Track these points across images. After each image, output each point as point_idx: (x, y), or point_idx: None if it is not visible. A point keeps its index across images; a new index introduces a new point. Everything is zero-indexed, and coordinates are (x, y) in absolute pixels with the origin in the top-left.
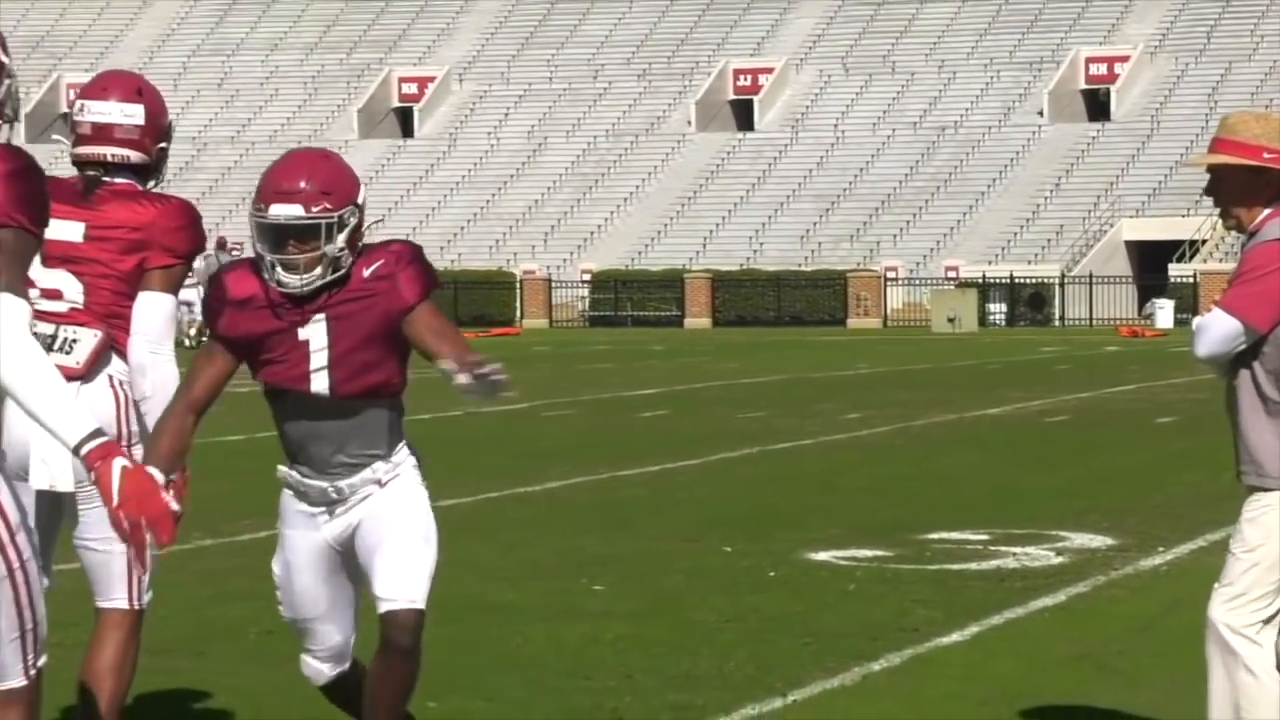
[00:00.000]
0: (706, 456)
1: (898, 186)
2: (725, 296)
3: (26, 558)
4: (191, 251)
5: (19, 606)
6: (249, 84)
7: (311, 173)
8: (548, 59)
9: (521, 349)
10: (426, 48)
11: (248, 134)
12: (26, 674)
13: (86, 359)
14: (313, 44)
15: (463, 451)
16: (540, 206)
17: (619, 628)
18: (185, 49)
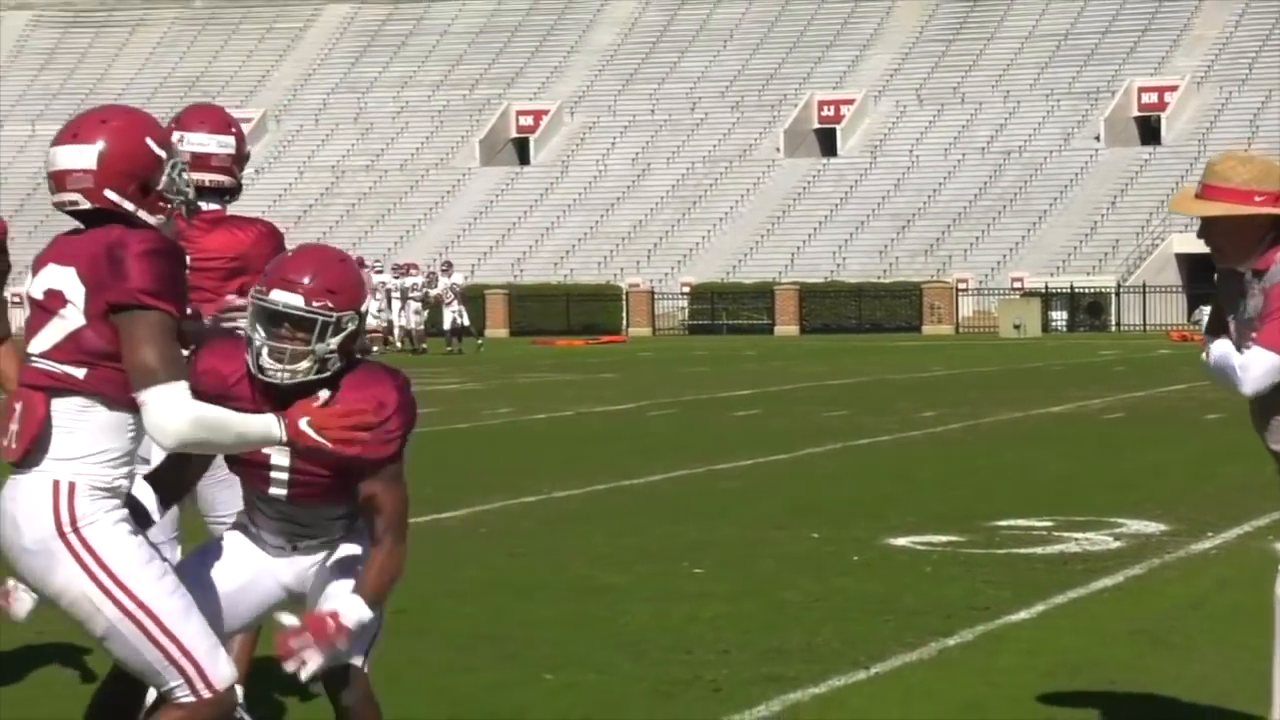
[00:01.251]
0: (795, 451)
1: (967, 205)
2: (811, 306)
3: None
4: None
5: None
6: (382, 118)
7: (321, 269)
8: (650, 93)
9: (627, 355)
10: (541, 84)
11: (381, 163)
12: None
13: None
14: (439, 81)
15: (575, 448)
16: (644, 226)
17: (716, 607)
18: (325, 87)
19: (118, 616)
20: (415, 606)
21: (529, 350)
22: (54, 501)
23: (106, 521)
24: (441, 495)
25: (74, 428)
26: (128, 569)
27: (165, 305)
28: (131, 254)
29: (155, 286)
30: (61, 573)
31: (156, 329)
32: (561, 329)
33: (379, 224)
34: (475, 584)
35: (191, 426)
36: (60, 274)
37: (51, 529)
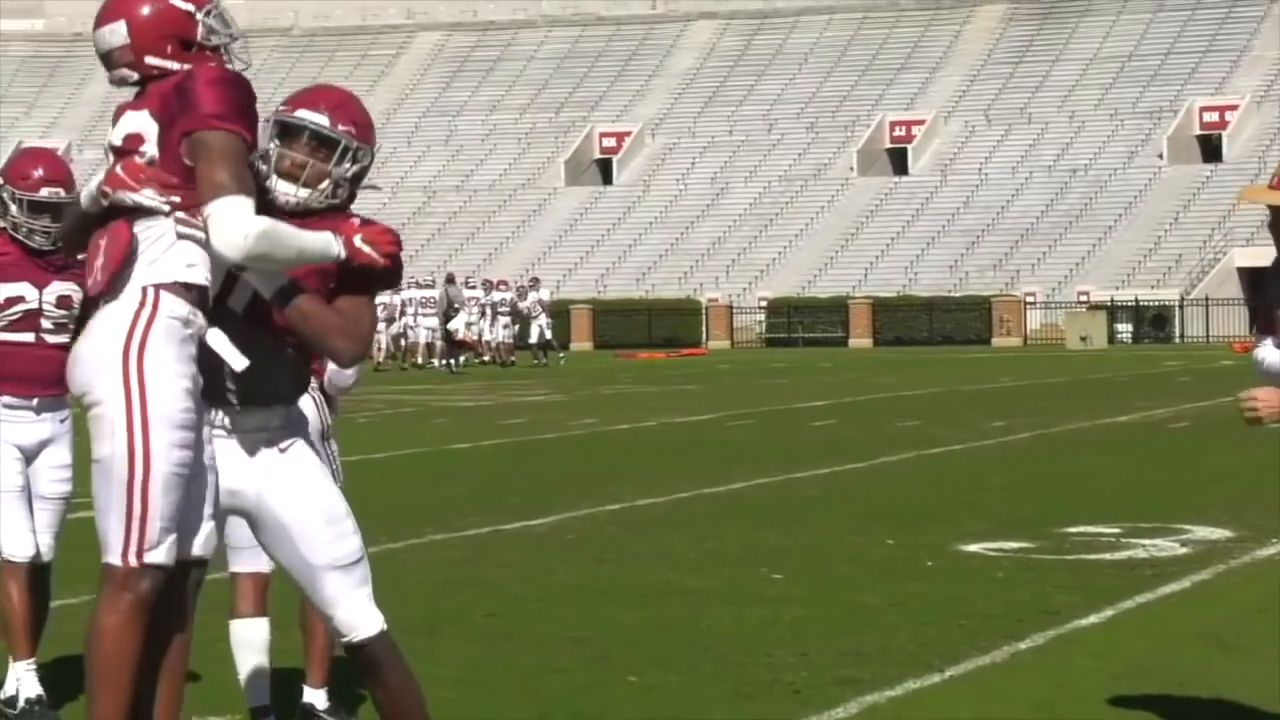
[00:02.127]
0: (870, 460)
1: (1035, 222)
2: (884, 319)
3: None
4: None
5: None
6: (471, 140)
7: (347, 101)
8: (728, 114)
9: (707, 367)
10: (624, 107)
11: (470, 183)
12: None
13: None
14: (526, 105)
15: (657, 457)
16: (723, 242)
17: (795, 610)
18: (417, 111)
19: (122, 452)
20: (505, 610)
21: (612, 363)
22: (133, 320)
23: (170, 364)
24: (529, 503)
25: (155, 255)
26: (159, 418)
27: (235, 127)
28: (200, 83)
29: (224, 110)
30: (107, 386)
31: (228, 149)
32: (643, 342)
33: (469, 242)
34: (563, 588)
35: (256, 238)
36: (135, 117)
37: (120, 343)
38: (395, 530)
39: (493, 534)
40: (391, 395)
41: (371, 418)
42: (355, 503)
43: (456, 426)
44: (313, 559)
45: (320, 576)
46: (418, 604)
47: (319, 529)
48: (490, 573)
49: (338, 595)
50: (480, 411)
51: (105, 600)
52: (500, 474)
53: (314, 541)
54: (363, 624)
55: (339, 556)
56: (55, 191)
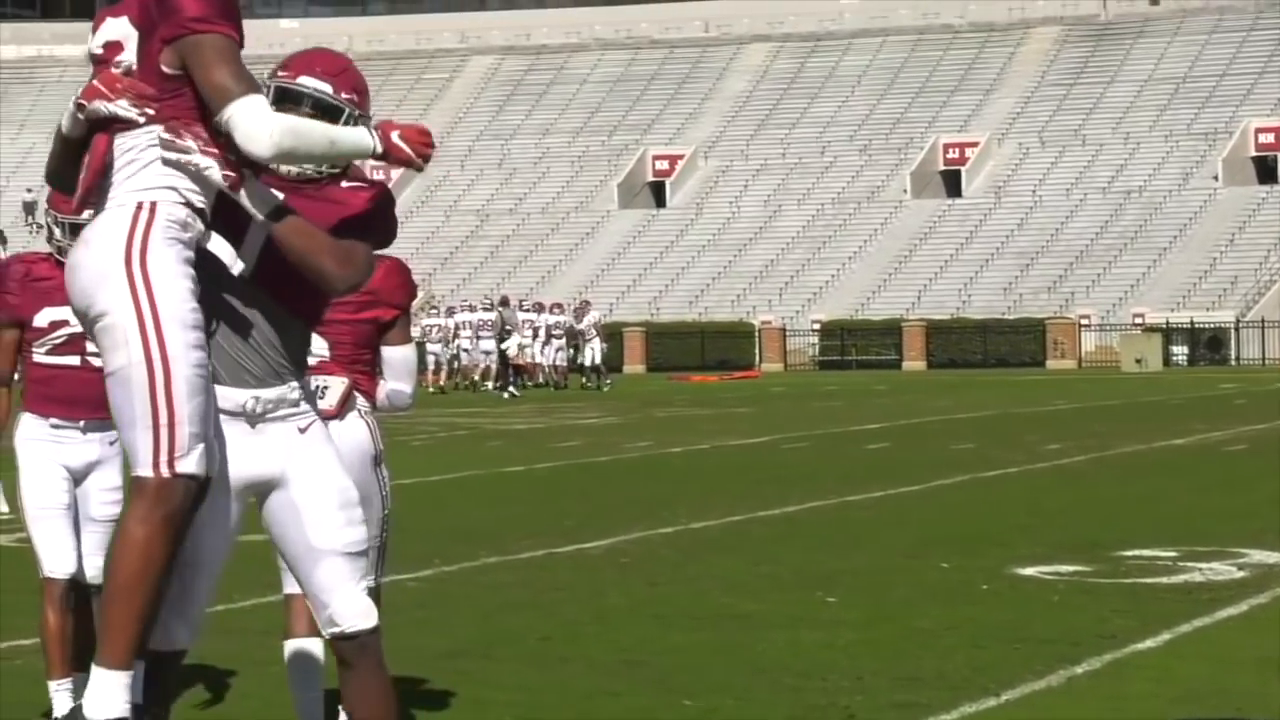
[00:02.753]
0: (924, 483)
1: (1089, 244)
2: (938, 342)
3: (173, 353)
4: (409, 301)
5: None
6: (524, 163)
7: (348, 69)
8: (781, 137)
9: (761, 390)
10: (677, 129)
11: (523, 207)
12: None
13: (338, 402)
14: (579, 128)
15: (711, 480)
16: (776, 265)
17: (850, 634)
18: (471, 134)
19: (139, 358)
20: (560, 633)
21: (665, 386)
22: (132, 222)
23: (174, 262)
24: (584, 526)
25: (143, 164)
26: (170, 318)
27: (221, 28)
28: None
29: (207, 12)
30: (112, 294)
31: (222, 50)
32: (696, 365)
33: (522, 265)
34: (618, 611)
35: (283, 132)
36: (115, 24)
37: (121, 251)
38: (449, 553)
39: (547, 557)
40: (446, 418)
41: (426, 441)
42: (410, 525)
43: (510, 449)
44: (319, 542)
45: (323, 560)
46: (472, 627)
47: (332, 512)
48: (545, 596)
49: (337, 582)
50: (534, 434)
51: (136, 511)
52: (554, 497)
53: (325, 524)
54: (359, 615)
55: (347, 542)
56: None
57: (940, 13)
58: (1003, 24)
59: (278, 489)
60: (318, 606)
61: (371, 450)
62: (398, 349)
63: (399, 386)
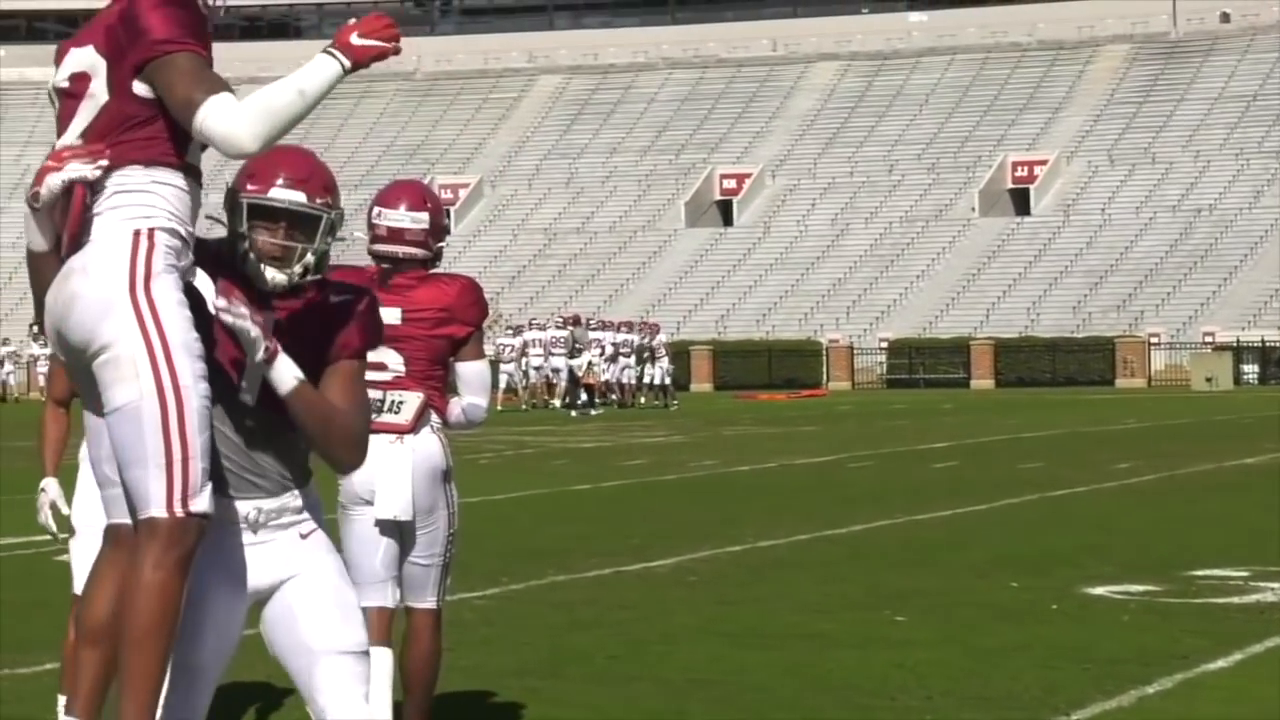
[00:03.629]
0: (993, 502)
1: (1159, 262)
2: (1007, 360)
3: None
4: (482, 319)
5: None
6: (592, 182)
7: (317, 168)
8: (849, 155)
9: (828, 408)
10: (744, 148)
11: (590, 225)
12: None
13: (413, 417)
14: (646, 147)
15: (779, 498)
16: (843, 284)
17: (920, 654)
18: (538, 153)
19: (151, 390)
20: (628, 652)
21: (732, 404)
22: (133, 250)
23: (176, 294)
24: (651, 544)
25: (132, 191)
26: (180, 347)
27: (189, 46)
28: (144, 9)
29: (174, 33)
30: (118, 324)
31: (188, 67)
32: (763, 383)
33: (589, 284)
34: (686, 630)
35: (257, 116)
36: (80, 55)
37: (125, 279)
38: (517, 571)
39: (615, 575)
40: (512, 436)
41: (493, 459)
42: (477, 543)
43: (577, 467)
44: (315, 643)
45: (319, 663)
46: (540, 645)
47: (328, 610)
48: (613, 614)
49: (334, 683)
50: (601, 453)
51: (151, 556)
52: (621, 515)
53: (320, 624)
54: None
55: (344, 643)
56: None
57: (1009, 31)
58: (1072, 42)
59: (276, 595)
60: (317, 709)
61: (442, 465)
62: (472, 364)
63: (475, 401)
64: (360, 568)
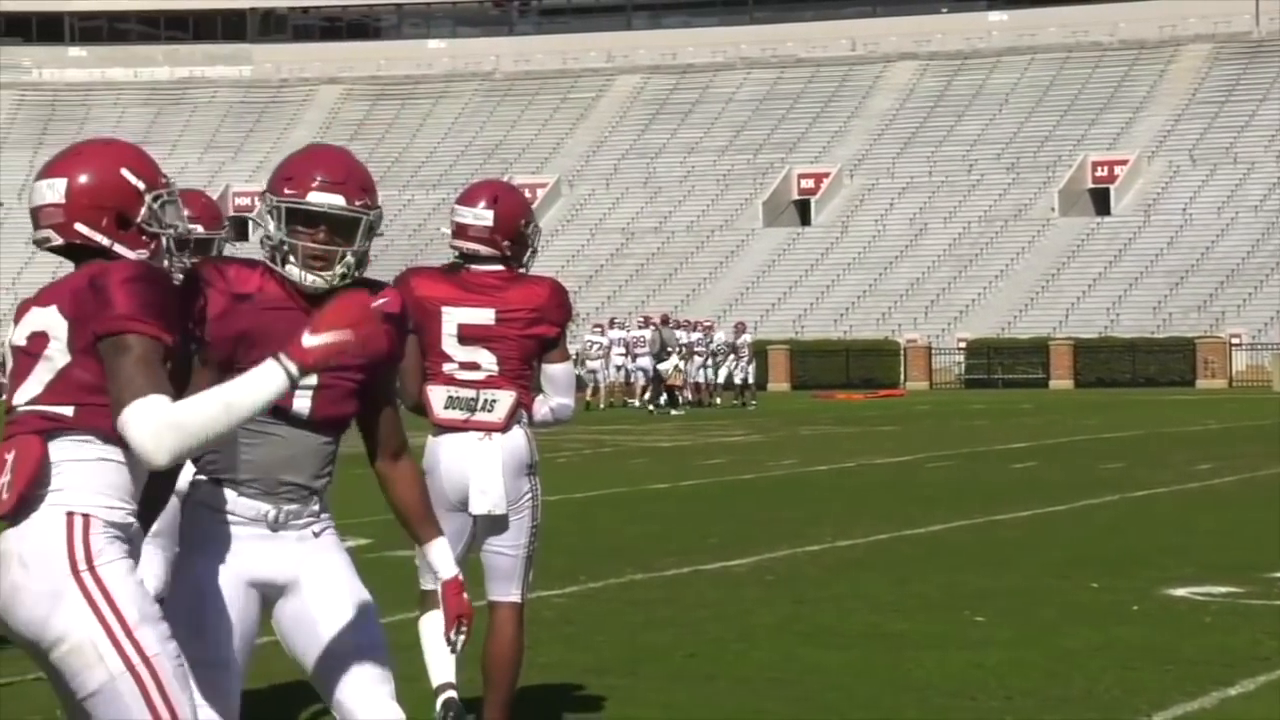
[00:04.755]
0: (1072, 503)
1: (1240, 263)
2: (1086, 361)
3: (153, 652)
4: (567, 320)
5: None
6: (670, 182)
7: (354, 168)
8: (927, 155)
9: (905, 408)
10: (822, 148)
11: (668, 225)
12: None
13: (505, 415)
14: (724, 147)
15: (857, 498)
16: (921, 283)
17: (999, 654)
18: (616, 153)
19: (120, 670)
20: (706, 650)
21: (810, 404)
22: (68, 535)
23: (121, 565)
24: (729, 543)
25: (75, 468)
26: (138, 619)
27: (151, 330)
28: (114, 282)
29: (140, 312)
30: (67, 615)
31: (138, 355)
32: (841, 383)
33: (666, 283)
34: (764, 629)
35: (171, 433)
36: (42, 315)
37: (65, 566)
38: (594, 570)
39: (692, 574)
40: (590, 435)
41: (571, 458)
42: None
43: (655, 466)
44: (335, 644)
45: (341, 663)
46: (618, 644)
47: (346, 612)
48: (690, 613)
49: (359, 684)
50: (678, 452)
51: None
52: (699, 514)
53: (339, 625)
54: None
55: (363, 643)
56: (193, 228)
57: (1089, 30)
58: (1153, 41)
59: (290, 595)
60: (343, 712)
61: (527, 459)
62: (558, 365)
63: (563, 400)
64: None
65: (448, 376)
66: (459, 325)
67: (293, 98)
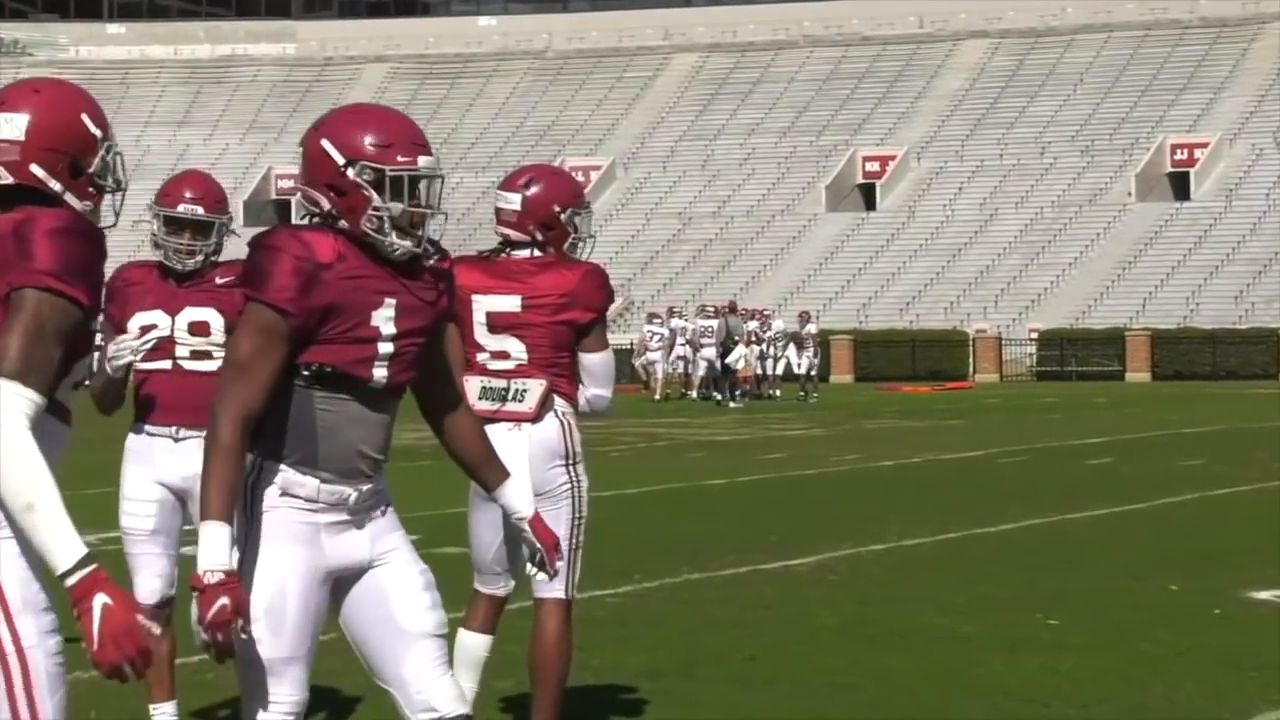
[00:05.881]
0: (1150, 501)
1: None
2: (1164, 352)
3: (29, 644)
4: (606, 306)
5: (11, 696)
6: (729, 165)
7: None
8: (998, 137)
9: (975, 401)
10: (888, 130)
11: (727, 209)
12: None
13: (536, 404)
14: (786, 128)
15: (923, 495)
16: (991, 271)
17: (1073, 659)
18: (673, 134)
19: None
20: (767, 653)
21: (874, 396)
22: None
23: (11, 546)
24: (789, 541)
25: None
26: (20, 606)
27: (70, 289)
28: (40, 231)
29: (61, 267)
30: None
31: (41, 317)
32: (907, 375)
33: (725, 270)
34: (826, 631)
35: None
36: None
37: None
38: (649, 568)
39: (751, 573)
40: (644, 428)
41: (624, 451)
42: (608, 539)
43: (712, 461)
44: (409, 625)
45: (412, 645)
46: (675, 646)
47: (418, 594)
48: (750, 614)
49: (426, 667)
50: (737, 446)
51: None
52: (758, 511)
53: (414, 606)
54: (454, 700)
55: (433, 625)
56: (193, 209)
57: (1168, 8)
58: (1235, 19)
59: (366, 576)
60: (410, 692)
61: (560, 449)
62: (595, 355)
63: (599, 391)
64: (481, 556)
65: (480, 366)
66: (487, 313)
67: (338, 76)
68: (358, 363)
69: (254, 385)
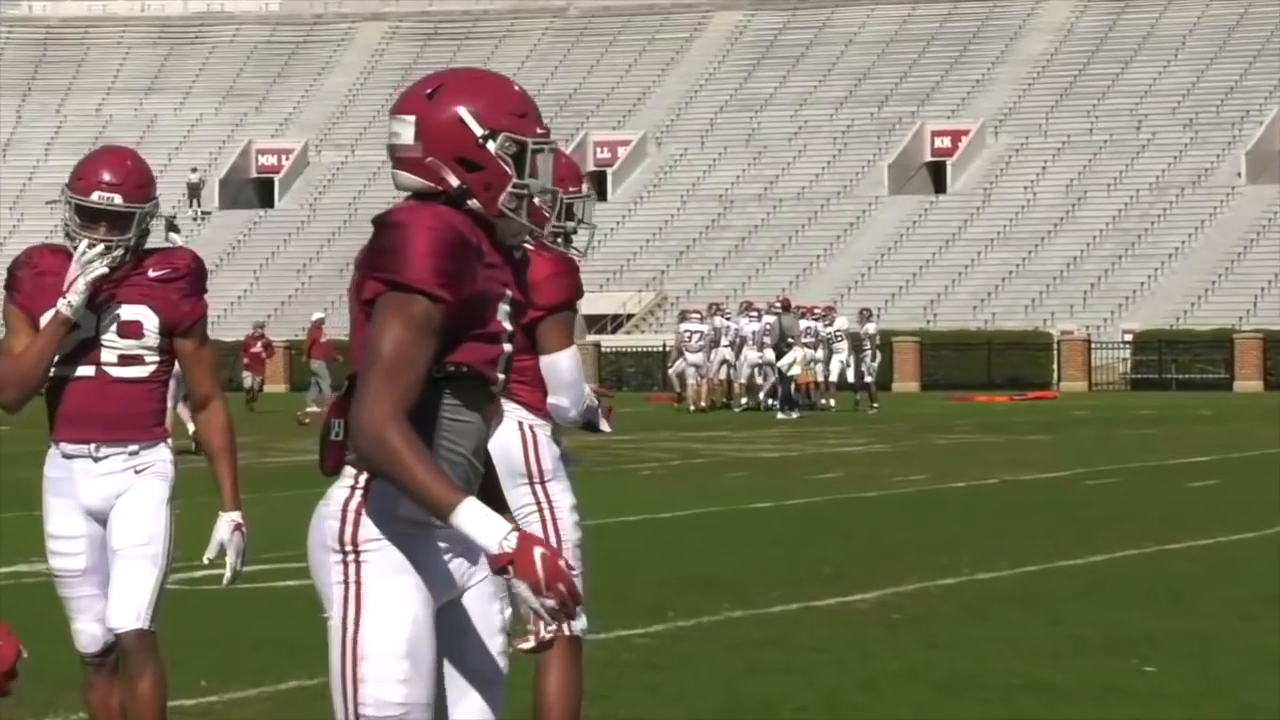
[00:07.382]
0: (1263, 529)
1: None
2: (1278, 358)
3: None
4: (560, 302)
5: None
6: (777, 139)
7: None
8: (1088, 109)
9: (1059, 413)
10: (960, 100)
11: (775, 191)
12: None
13: None
14: (843, 98)
15: (1002, 521)
16: (1079, 264)
17: (1173, 711)
18: (713, 105)
19: None
20: (819, 702)
21: (944, 407)
22: None
23: None
24: (847, 574)
25: None
26: None
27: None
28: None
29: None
30: None
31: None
32: (982, 382)
33: (772, 261)
34: (889, 678)
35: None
36: None
37: None
38: (685, 605)
39: (803, 611)
40: (679, 443)
41: (656, 469)
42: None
43: (757, 481)
44: (475, 669)
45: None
46: (714, 693)
47: (493, 637)
48: (800, 657)
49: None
50: (786, 464)
51: None
52: (811, 539)
53: (485, 652)
54: None
55: (498, 674)
56: (109, 197)
57: None
58: None
59: (457, 604)
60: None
61: (521, 467)
62: (547, 356)
63: (556, 401)
64: None
65: None
66: None
67: (328, 37)
68: (488, 363)
69: (408, 387)
